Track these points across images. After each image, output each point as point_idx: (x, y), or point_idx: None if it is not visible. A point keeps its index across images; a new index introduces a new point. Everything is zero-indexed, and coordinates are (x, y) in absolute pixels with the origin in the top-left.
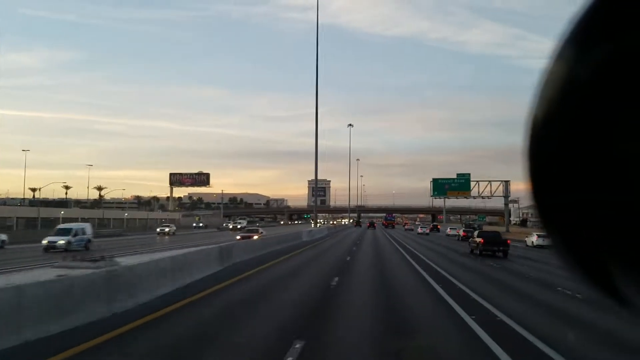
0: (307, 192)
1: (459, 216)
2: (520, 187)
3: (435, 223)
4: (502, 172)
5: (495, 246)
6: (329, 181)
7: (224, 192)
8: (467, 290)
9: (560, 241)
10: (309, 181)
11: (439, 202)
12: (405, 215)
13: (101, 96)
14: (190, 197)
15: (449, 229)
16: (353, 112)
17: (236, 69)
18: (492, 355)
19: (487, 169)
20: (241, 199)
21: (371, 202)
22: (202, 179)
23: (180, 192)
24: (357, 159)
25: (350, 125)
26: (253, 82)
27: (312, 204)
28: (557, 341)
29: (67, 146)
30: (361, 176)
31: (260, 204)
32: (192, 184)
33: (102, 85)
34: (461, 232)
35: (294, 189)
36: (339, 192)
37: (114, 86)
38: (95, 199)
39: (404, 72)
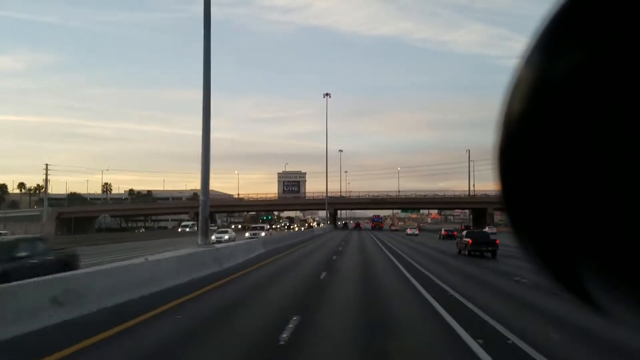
0: (277, 186)
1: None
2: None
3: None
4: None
5: (483, 246)
6: (305, 173)
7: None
8: None
9: (529, 241)
10: (278, 174)
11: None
12: (401, 216)
13: (83, 99)
14: (137, 192)
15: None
16: (337, 113)
17: (220, 71)
18: None
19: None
20: (149, 192)
21: (354, 203)
22: None
23: None
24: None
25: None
26: (237, 84)
27: (282, 198)
28: None
29: (48, 150)
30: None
31: (182, 197)
32: None
33: (85, 89)
34: (442, 231)
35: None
36: (317, 192)
37: (96, 89)
38: None
39: (388, 72)
